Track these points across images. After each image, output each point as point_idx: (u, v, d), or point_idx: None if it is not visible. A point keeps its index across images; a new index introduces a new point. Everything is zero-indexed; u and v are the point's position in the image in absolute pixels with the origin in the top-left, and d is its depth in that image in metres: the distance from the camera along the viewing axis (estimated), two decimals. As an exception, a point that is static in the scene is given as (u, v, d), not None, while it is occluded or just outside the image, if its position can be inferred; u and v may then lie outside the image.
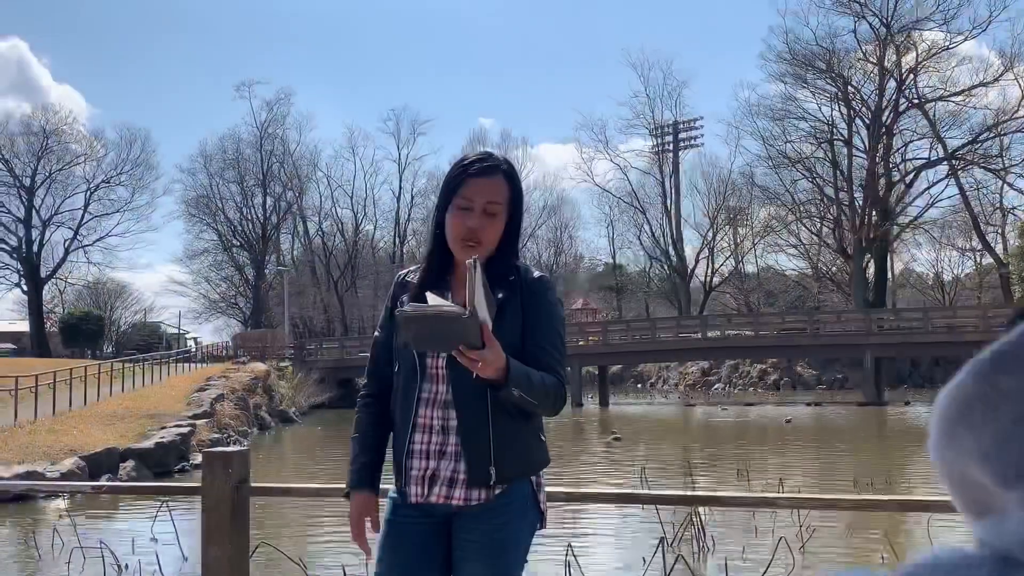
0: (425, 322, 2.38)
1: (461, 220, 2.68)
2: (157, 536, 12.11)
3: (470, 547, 2.66)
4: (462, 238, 2.68)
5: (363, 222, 74.86)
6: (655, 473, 17.46)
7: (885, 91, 59.27)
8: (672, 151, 71.23)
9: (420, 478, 2.67)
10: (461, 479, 2.64)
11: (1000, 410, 0.42)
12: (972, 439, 0.43)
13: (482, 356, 2.40)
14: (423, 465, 2.67)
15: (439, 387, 2.68)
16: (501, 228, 2.71)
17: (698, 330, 49.05)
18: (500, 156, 2.83)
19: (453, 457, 2.65)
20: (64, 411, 24.48)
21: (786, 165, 62.50)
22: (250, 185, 72.79)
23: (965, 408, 0.44)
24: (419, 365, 2.69)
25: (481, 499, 2.65)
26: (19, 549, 12.41)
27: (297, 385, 41.56)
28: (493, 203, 2.69)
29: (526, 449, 2.71)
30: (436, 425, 2.67)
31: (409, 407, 2.69)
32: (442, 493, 2.65)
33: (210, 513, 3.88)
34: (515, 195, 2.76)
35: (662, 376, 64.99)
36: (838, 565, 10.50)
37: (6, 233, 66.76)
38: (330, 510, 13.83)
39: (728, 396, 54.26)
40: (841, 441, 26.06)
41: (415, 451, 2.68)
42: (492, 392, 2.58)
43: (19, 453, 17.85)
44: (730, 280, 70.92)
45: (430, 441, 2.67)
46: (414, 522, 2.71)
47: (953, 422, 0.44)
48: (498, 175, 2.73)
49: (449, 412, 2.66)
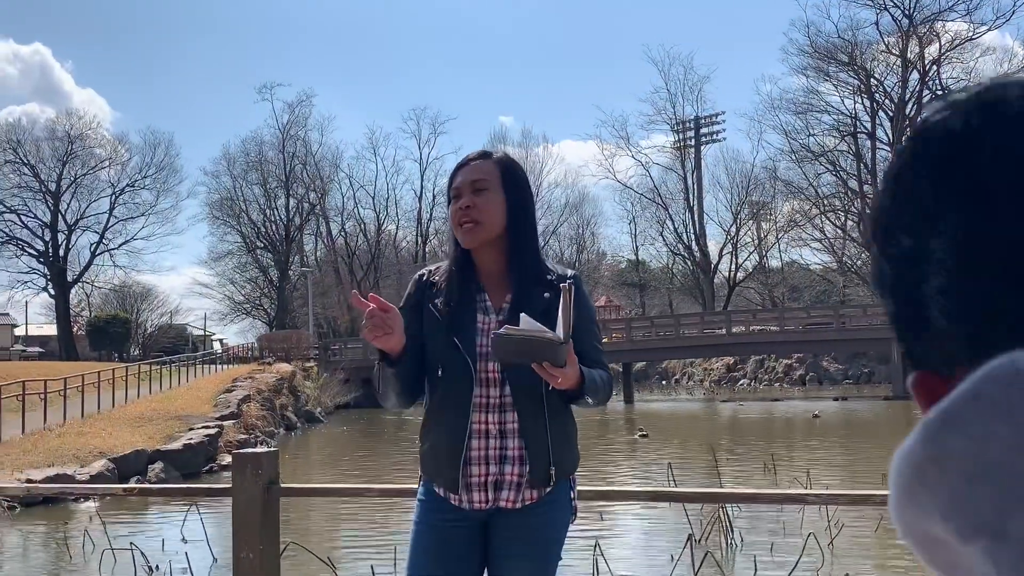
0: (521, 344, 2.42)
1: (454, 205, 2.74)
2: (187, 537, 12.19)
3: (514, 545, 2.67)
4: (457, 222, 2.70)
5: (385, 222, 75.00)
6: (681, 470, 17.41)
7: (908, 83, 58.90)
8: (694, 146, 70.96)
9: (482, 484, 2.65)
10: (524, 482, 2.65)
11: (951, 470, 0.43)
12: (929, 499, 0.44)
13: (563, 373, 2.45)
14: (482, 471, 2.65)
15: (492, 391, 2.67)
16: (497, 205, 2.70)
17: (723, 326, 48.88)
18: (495, 149, 2.90)
19: (516, 461, 2.64)
20: (92, 414, 24.68)
21: (809, 159, 62.19)
22: (273, 187, 73.10)
23: (918, 471, 0.44)
24: (472, 369, 2.66)
25: (533, 498, 2.66)
26: (51, 550, 12.52)
27: (322, 385, 41.71)
28: (478, 180, 2.71)
29: (572, 447, 2.76)
30: (493, 429, 2.65)
31: (463, 413, 2.65)
32: (510, 497, 2.64)
33: (240, 514, 3.89)
34: (507, 175, 2.75)
35: (686, 372, 64.84)
36: (868, 561, 10.44)
37: (33, 238, 67.37)
38: (357, 510, 13.88)
39: (754, 392, 54.06)
40: (869, 435, 25.90)
41: (473, 457, 2.65)
42: (561, 398, 2.61)
43: (49, 456, 18.01)
44: (754, 275, 70.55)
45: (487, 446, 2.65)
46: (448, 524, 2.70)
47: (909, 485, 0.45)
48: (485, 159, 2.77)
49: (506, 415, 2.65)
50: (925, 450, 0.44)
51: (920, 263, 0.47)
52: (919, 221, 0.47)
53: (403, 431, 29.80)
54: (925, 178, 0.47)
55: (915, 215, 0.47)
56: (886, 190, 0.50)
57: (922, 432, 0.45)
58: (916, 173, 0.47)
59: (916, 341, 0.50)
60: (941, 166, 0.46)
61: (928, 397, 0.50)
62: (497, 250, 2.73)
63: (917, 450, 0.45)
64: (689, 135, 70.94)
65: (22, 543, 13.36)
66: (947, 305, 0.46)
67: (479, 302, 2.73)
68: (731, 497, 5.17)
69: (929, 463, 0.44)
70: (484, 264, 2.76)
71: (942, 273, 0.46)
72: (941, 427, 0.44)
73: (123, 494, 4.80)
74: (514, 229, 2.71)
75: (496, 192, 2.70)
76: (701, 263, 69.60)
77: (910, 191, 0.48)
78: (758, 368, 59.69)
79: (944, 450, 0.43)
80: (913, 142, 0.50)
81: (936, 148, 0.48)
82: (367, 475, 19.84)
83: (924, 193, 0.47)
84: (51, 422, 22.40)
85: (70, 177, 67.66)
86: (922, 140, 0.49)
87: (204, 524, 11.86)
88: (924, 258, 0.47)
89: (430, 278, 2.82)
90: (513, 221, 2.71)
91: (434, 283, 2.79)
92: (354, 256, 72.51)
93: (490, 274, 2.76)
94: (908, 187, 0.48)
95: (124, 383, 29.89)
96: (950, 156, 0.47)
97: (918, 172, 0.47)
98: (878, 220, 0.50)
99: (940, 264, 0.46)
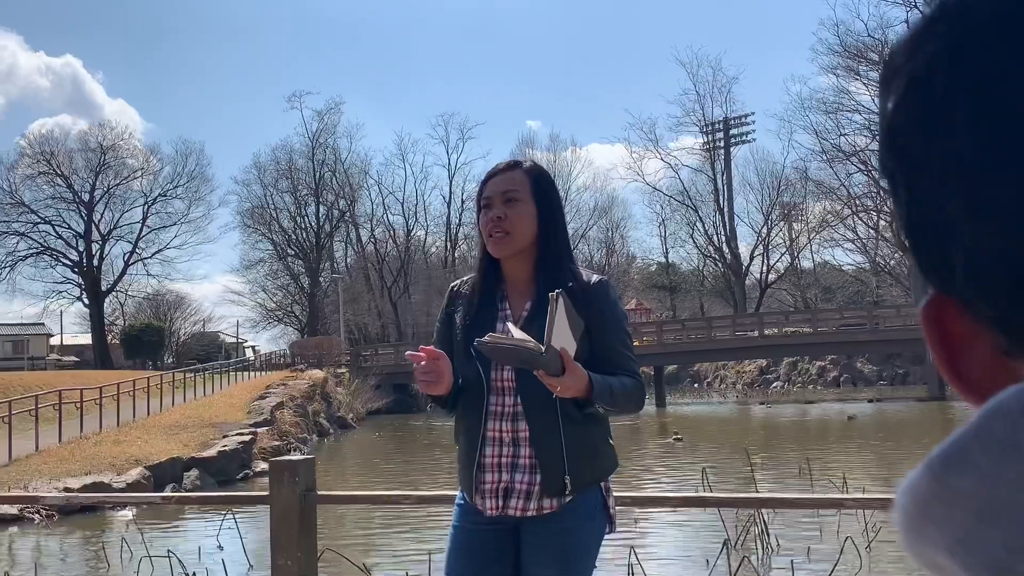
0: (504, 354, 2.43)
1: (485, 216, 2.73)
2: (222, 543, 12.26)
3: (539, 553, 2.66)
4: (488, 232, 2.71)
5: (414, 228, 75.35)
6: (716, 473, 17.32)
7: (940, 80, 58.25)
8: (723, 148, 70.69)
9: (494, 491, 2.66)
10: (536, 490, 2.64)
11: (956, 510, 0.42)
12: (936, 533, 0.43)
13: (562, 383, 2.43)
14: (495, 478, 2.66)
15: (507, 399, 2.68)
16: (528, 216, 2.70)
17: (755, 328, 48.60)
18: (524, 159, 2.90)
19: (527, 469, 2.64)
20: (128, 422, 24.90)
21: (840, 159, 61.68)
22: (303, 195, 73.60)
23: (924, 506, 0.44)
24: (485, 378, 2.69)
25: (553, 507, 2.65)
26: (89, 558, 12.64)
27: (354, 391, 41.87)
28: (510, 191, 2.70)
29: (596, 455, 2.71)
30: (507, 438, 2.66)
31: (477, 421, 2.69)
32: (518, 506, 2.64)
33: (278, 522, 3.91)
34: (538, 185, 2.74)
35: (719, 375, 64.54)
36: (906, 565, 10.33)
37: (67, 248, 68.16)
38: (390, 516, 13.91)
39: (787, 394, 53.70)
40: (904, 437, 25.66)
41: (486, 464, 2.67)
42: (574, 406, 2.58)
43: (86, 464, 18.18)
44: (786, 276, 70.14)
45: (500, 454, 2.66)
46: (481, 528, 2.71)
47: (916, 520, 0.44)
48: (514, 169, 2.77)
49: (518, 424, 2.66)
50: (931, 488, 0.43)
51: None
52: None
53: (435, 438, 29.85)
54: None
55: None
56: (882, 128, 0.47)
57: (928, 469, 0.44)
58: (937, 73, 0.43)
59: (935, 248, 0.46)
60: (958, 57, 0.42)
61: (939, 331, 0.47)
62: (526, 259, 2.74)
63: (923, 487, 0.44)
64: (718, 136, 70.69)
65: (61, 551, 13.50)
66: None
67: (500, 311, 2.75)
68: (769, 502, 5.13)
69: (936, 500, 0.43)
70: (512, 273, 2.77)
71: None
72: (948, 466, 0.43)
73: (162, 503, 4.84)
74: (543, 239, 2.72)
75: (527, 203, 2.70)
76: (732, 265, 69.27)
77: None
78: (791, 370, 59.29)
79: (951, 489, 0.42)
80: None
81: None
82: (400, 481, 19.88)
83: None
84: (87, 431, 22.64)
85: (103, 188, 68.51)
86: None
87: (240, 530, 11.94)
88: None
89: (460, 289, 2.87)
90: (543, 231, 2.72)
91: (462, 294, 2.84)
92: (384, 262, 72.83)
93: (516, 283, 2.77)
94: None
95: (159, 391, 30.15)
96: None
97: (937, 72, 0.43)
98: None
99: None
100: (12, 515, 14.91)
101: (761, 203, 69.67)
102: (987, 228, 0.41)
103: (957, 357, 0.47)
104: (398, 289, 71.28)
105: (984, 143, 0.40)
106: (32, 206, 66.60)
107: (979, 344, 0.45)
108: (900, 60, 0.45)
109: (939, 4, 0.43)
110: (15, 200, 65.91)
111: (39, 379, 33.41)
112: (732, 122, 70.78)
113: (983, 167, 0.41)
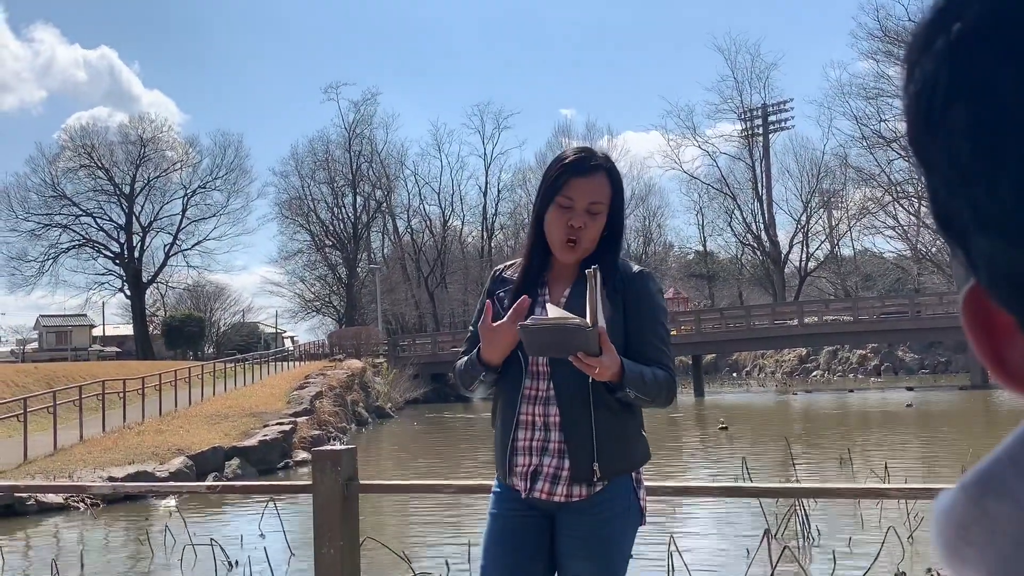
0: (547, 333, 2.42)
1: (563, 219, 2.65)
2: (264, 532, 12.38)
3: (573, 543, 2.66)
4: (565, 237, 2.65)
5: (451, 218, 75.45)
6: (756, 462, 17.23)
7: (983, 64, 57.39)
8: (762, 134, 70.10)
9: (524, 474, 2.67)
10: (564, 475, 2.64)
11: (996, 534, 0.42)
12: (975, 558, 0.43)
13: (599, 363, 2.43)
14: (526, 461, 2.68)
15: (540, 384, 2.69)
16: (601, 227, 2.69)
17: (794, 316, 48.23)
18: (600, 153, 2.77)
19: (556, 453, 2.65)
20: (170, 412, 25.21)
21: (881, 145, 60.99)
22: (340, 185, 73.95)
23: (962, 529, 0.43)
24: (523, 362, 2.69)
25: (582, 495, 2.65)
26: (133, 546, 12.81)
27: (392, 381, 42.08)
28: (596, 203, 2.66)
29: (628, 445, 2.70)
30: (539, 422, 2.67)
31: (512, 404, 2.70)
32: (544, 489, 2.65)
33: (321, 511, 3.94)
34: (616, 193, 2.72)
35: (757, 364, 64.11)
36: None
37: (108, 240, 69.01)
38: (428, 504, 13.98)
39: (828, 383, 53.29)
40: (946, 425, 25.39)
41: (519, 447, 2.69)
42: (606, 391, 2.59)
43: (129, 454, 18.43)
44: (826, 264, 69.51)
45: (532, 437, 2.68)
46: (517, 515, 2.72)
47: (954, 543, 0.44)
48: (600, 173, 2.69)
49: (550, 408, 2.66)
50: (970, 512, 0.43)
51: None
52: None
53: (473, 427, 29.94)
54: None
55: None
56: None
57: (963, 493, 0.43)
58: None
59: (958, 244, 0.45)
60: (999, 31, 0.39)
61: (979, 322, 0.45)
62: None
63: (961, 511, 0.43)
64: (757, 123, 70.10)
65: (106, 540, 13.70)
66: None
67: (540, 296, 2.74)
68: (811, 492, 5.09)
69: (974, 524, 0.43)
70: (560, 265, 2.77)
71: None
72: (984, 491, 0.42)
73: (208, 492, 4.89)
74: (605, 245, 2.71)
75: (604, 213, 2.69)
76: (771, 253, 68.74)
77: None
78: (831, 359, 58.78)
79: (988, 514, 0.42)
80: None
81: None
82: (439, 470, 19.97)
83: None
84: (130, 420, 22.94)
85: (143, 180, 69.20)
86: None
87: (281, 519, 12.05)
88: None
89: (503, 273, 2.87)
90: (607, 239, 2.72)
91: (505, 279, 2.83)
92: (421, 252, 73.04)
93: (560, 273, 2.77)
94: None
95: (200, 381, 30.47)
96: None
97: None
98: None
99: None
100: (58, 504, 15.15)
101: (800, 190, 69.11)
102: (994, 239, 0.40)
103: (1000, 347, 0.45)
104: (435, 279, 71.48)
105: (981, 150, 0.40)
106: (74, 199, 67.59)
107: (1021, 335, 0.44)
108: (913, 56, 0.44)
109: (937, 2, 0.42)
110: (57, 193, 66.87)
111: (82, 370, 33.89)
112: (771, 108, 70.18)
113: (982, 175, 0.40)
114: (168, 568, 11.22)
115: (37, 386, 26.86)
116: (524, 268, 2.80)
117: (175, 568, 11.07)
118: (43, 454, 17.98)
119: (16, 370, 32.61)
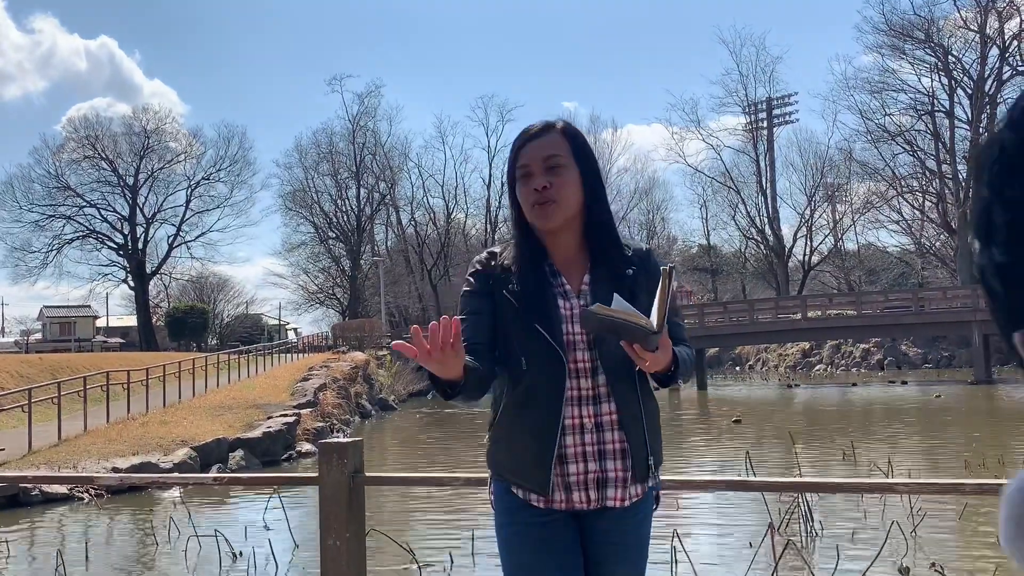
0: (610, 326, 2.26)
1: (527, 186, 2.51)
2: (268, 523, 12.41)
3: (612, 549, 2.51)
4: (532, 203, 2.49)
5: (454, 210, 75.47)
6: (759, 456, 17.23)
7: (987, 59, 57.36)
8: (766, 128, 70.03)
9: (583, 482, 2.45)
10: (628, 477, 2.46)
11: None
12: None
13: (654, 358, 2.30)
14: (583, 469, 2.45)
15: (584, 382, 2.47)
16: (574, 182, 2.50)
17: (798, 310, 48.21)
18: (556, 119, 2.61)
19: (617, 455, 2.46)
20: (174, 403, 25.25)
21: (886, 139, 60.95)
22: (344, 178, 73.99)
23: None
24: (566, 360, 2.45)
25: (639, 494, 2.50)
26: (138, 537, 12.84)
27: (395, 373, 42.13)
28: (552, 156, 2.50)
29: (661, 434, 2.60)
30: (588, 424, 2.45)
31: (554, 408, 2.44)
32: (616, 496, 2.46)
33: (327, 503, 3.95)
34: (578, 148, 2.54)
35: (760, 358, 64.09)
36: (952, 549, 10.23)
37: (112, 231, 69.11)
38: (431, 497, 13.99)
39: (831, 377, 53.27)
40: (949, 421, 25.38)
41: (569, 455, 2.44)
42: (654, 379, 2.47)
43: (133, 444, 18.46)
44: (830, 258, 69.49)
45: (584, 442, 2.45)
46: (546, 521, 2.48)
47: (1022, 520, 0.44)
48: (552, 132, 2.55)
49: (601, 407, 2.46)
50: None
51: None
52: None
53: (477, 420, 29.96)
54: None
55: None
56: (1014, 124, 0.43)
57: None
58: None
59: None
60: None
61: None
62: (571, 229, 2.55)
63: None
64: (761, 117, 70.04)
65: (109, 530, 13.73)
66: None
67: (556, 287, 2.52)
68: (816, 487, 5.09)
69: None
70: (557, 246, 2.56)
71: None
72: None
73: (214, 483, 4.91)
74: (590, 206, 2.54)
75: (571, 167, 2.50)
76: (775, 247, 68.71)
77: None
78: (835, 353, 58.75)
79: None
80: None
81: None
82: (442, 463, 20.00)
83: None
84: (134, 411, 22.98)
85: (147, 171, 69.34)
86: None
87: (285, 510, 12.07)
88: None
89: (500, 261, 2.58)
90: (589, 197, 2.54)
91: (505, 267, 2.56)
92: (424, 244, 73.06)
93: (565, 256, 2.57)
94: None
95: (203, 373, 30.52)
96: None
97: None
98: (997, 159, 0.43)
99: None
100: (62, 494, 15.20)
101: (804, 184, 69.11)
102: None
103: None
104: (438, 271, 71.50)
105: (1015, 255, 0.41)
106: (78, 190, 67.73)
107: None
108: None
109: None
110: (61, 184, 67.00)
111: (86, 361, 33.94)
112: (775, 102, 70.10)
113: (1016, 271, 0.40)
114: (173, 558, 11.25)
115: (41, 377, 26.92)
116: (520, 257, 2.55)
117: (179, 558, 11.10)
118: (47, 444, 18.03)
119: (20, 361, 32.67)
